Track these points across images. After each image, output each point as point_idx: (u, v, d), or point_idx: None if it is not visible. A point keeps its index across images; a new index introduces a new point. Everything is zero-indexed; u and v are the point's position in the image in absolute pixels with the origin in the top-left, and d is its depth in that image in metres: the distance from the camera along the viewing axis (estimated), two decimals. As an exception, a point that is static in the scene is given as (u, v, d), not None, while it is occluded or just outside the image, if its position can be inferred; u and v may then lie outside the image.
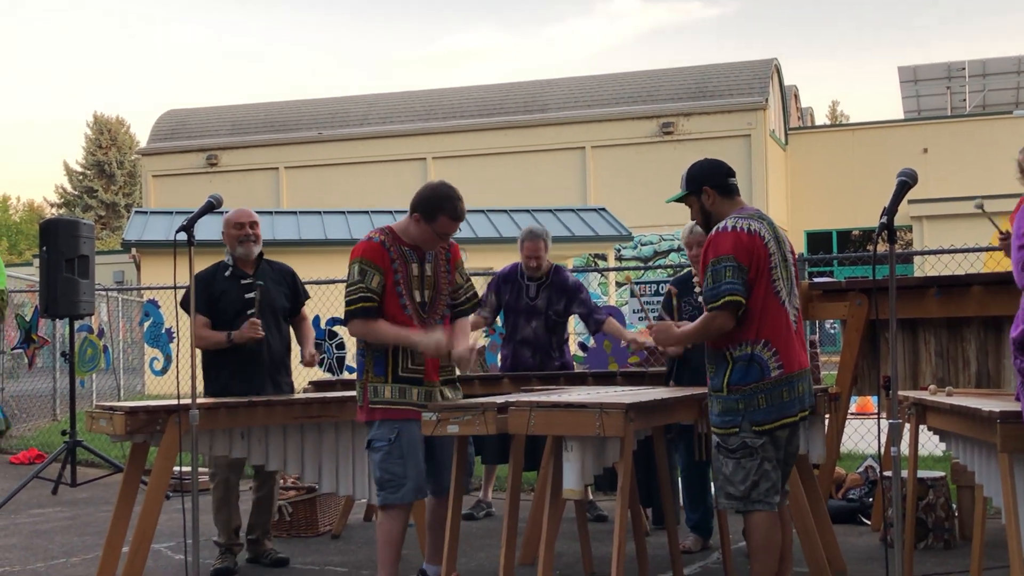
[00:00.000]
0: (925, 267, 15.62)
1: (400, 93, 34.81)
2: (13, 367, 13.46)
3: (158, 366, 9.79)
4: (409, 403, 4.65)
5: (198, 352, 5.45)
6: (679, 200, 4.54)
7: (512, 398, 4.50)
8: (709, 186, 4.41)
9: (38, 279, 8.90)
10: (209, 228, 19.17)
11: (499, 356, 7.19)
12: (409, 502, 4.68)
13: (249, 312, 5.69)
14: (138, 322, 13.82)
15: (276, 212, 23.21)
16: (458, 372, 5.00)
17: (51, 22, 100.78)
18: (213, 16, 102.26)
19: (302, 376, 6.31)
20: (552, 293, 6.79)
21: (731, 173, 4.47)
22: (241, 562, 5.82)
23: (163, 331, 9.79)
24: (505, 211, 21.80)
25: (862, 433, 8.77)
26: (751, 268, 4.19)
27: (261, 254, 5.93)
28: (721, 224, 4.31)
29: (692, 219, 4.61)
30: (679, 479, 6.26)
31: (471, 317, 5.08)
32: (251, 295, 5.72)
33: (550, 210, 22.84)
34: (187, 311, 5.71)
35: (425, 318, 4.72)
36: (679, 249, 28.64)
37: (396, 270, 4.64)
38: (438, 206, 4.64)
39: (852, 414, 8.82)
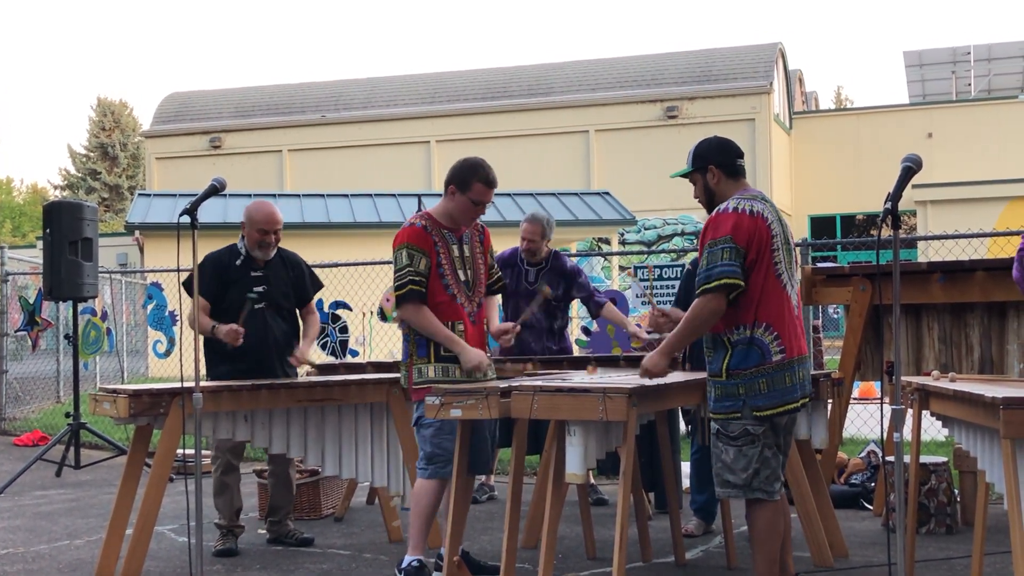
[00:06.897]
0: (929, 252, 15.58)
1: (404, 76, 34.71)
2: (17, 349, 13.49)
3: (161, 349, 9.81)
4: (451, 381, 4.80)
5: (201, 335, 5.45)
6: (684, 176, 4.47)
7: (515, 382, 4.51)
8: (715, 164, 4.32)
9: (42, 261, 8.90)
10: (213, 211, 19.33)
11: None
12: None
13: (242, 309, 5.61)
14: (141, 305, 13.85)
15: (279, 195, 23.17)
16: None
17: (54, 3, 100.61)
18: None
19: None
20: (551, 278, 6.82)
21: (740, 154, 4.39)
22: (242, 544, 5.83)
23: (166, 314, 9.81)
24: (509, 195, 21.75)
25: (865, 418, 8.77)
26: (751, 250, 4.12)
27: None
28: (723, 205, 4.23)
29: (695, 197, 4.46)
30: (690, 462, 6.24)
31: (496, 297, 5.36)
32: (252, 294, 5.67)
33: (554, 194, 22.76)
34: (189, 293, 5.69)
35: (470, 295, 4.94)
36: (683, 233, 28.60)
37: (439, 251, 4.86)
38: (471, 174, 4.89)
39: (855, 399, 8.85)
